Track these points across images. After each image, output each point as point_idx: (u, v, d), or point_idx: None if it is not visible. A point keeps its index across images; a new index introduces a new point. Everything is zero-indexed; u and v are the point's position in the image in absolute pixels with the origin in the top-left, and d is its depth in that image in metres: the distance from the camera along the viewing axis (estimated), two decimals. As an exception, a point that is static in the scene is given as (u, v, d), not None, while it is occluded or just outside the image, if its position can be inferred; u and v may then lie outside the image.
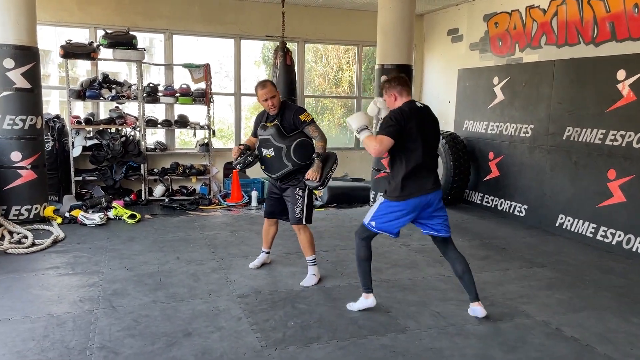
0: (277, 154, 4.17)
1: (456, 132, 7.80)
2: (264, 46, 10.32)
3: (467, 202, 7.75)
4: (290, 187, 4.30)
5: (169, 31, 7.94)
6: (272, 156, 4.20)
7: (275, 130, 4.17)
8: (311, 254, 4.43)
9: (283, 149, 4.15)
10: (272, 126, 4.20)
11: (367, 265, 3.81)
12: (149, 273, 4.58)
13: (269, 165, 4.27)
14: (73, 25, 7.63)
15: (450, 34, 8.48)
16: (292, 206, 4.32)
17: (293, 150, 4.15)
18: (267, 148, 4.22)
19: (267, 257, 4.89)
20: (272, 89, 4.20)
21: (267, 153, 4.22)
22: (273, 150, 4.18)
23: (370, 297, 3.85)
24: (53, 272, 4.56)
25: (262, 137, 4.27)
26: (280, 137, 4.16)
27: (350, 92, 10.07)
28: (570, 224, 6.01)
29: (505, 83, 7.01)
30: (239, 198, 7.65)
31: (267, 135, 4.21)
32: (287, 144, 4.15)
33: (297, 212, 4.31)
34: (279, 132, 4.17)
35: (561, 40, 6.39)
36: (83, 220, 6.15)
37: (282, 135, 4.16)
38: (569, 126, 6.04)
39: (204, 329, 3.50)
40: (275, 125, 4.19)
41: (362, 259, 3.80)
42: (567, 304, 4.07)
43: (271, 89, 4.19)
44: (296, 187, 4.28)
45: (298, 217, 4.32)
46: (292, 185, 4.30)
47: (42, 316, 3.64)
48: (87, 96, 7.16)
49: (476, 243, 5.75)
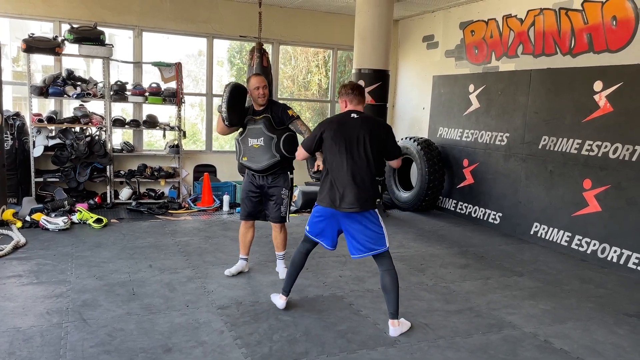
0: (266, 144, 4.31)
1: (430, 139, 7.79)
2: (230, 46, 10.11)
3: (440, 208, 7.76)
4: (277, 186, 4.44)
5: (138, 27, 7.63)
6: (260, 146, 4.33)
7: (267, 121, 4.34)
8: (284, 250, 4.68)
9: (274, 139, 4.30)
10: (262, 118, 4.36)
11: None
12: (121, 282, 4.32)
13: (255, 155, 4.36)
14: (36, 19, 7.23)
15: (426, 40, 8.49)
16: (277, 205, 4.46)
17: (283, 142, 4.31)
18: (256, 138, 4.35)
19: (246, 264, 4.73)
20: (265, 81, 4.41)
21: (255, 143, 4.34)
22: (263, 140, 4.32)
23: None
24: (15, 281, 4.24)
25: (251, 127, 4.39)
26: (272, 129, 4.33)
27: (319, 95, 9.97)
28: (545, 232, 6.06)
29: (481, 91, 7.04)
30: (210, 202, 7.41)
31: (258, 126, 4.36)
32: (277, 135, 4.31)
33: (282, 211, 4.47)
34: (270, 124, 4.34)
35: (538, 50, 6.46)
36: (45, 224, 5.80)
37: (273, 128, 4.34)
38: (545, 135, 6.09)
39: (184, 343, 3.30)
40: (266, 117, 4.36)
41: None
42: (552, 314, 4.06)
43: (264, 80, 4.40)
44: (282, 187, 4.44)
45: (282, 215, 4.49)
46: (278, 185, 4.44)
47: (6, 330, 3.35)
48: (50, 93, 6.78)
49: (454, 251, 5.72)
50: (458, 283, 4.68)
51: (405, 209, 7.71)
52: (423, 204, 7.52)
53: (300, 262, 3.85)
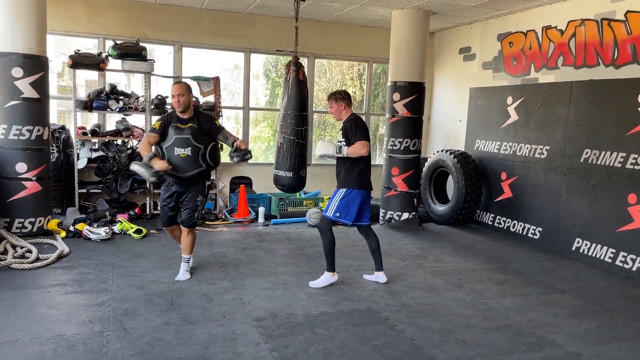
0: (193, 154, 4.44)
1: (467, 151, 7.69)
2: (266, 60, 10.25)
3: (477, 222, 7.62)
4: (194, 193, 4.61)
5: (178, 43, 7.84)
6: (187, 155, 4.43)
7: (193, 131, 4.46)
8: (190, 253, 4.85)
9: (201, 149, 4.45)
10: (189, 127, 4.47)
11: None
12: (160, 292, 4.41)
13: (181, 164, 4.45)
14: (82, 35, 7.51)
15: (462, 52, 8.42)
16: (190, 211, 4.63)
17: (209, 152, 4.50)
18: (183, 147, 4.43)
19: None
20: (184, 88, 4.51)
21: (182, 152, 4.44)
22: (190, 150, 4.43)
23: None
24: (59, 290, 4.38)
25: (177, 136, 4.45)
26: (199, 138, 4.46)
27: (354, 107, 9.99)
28: (588, 248, 5.88)
29: (519, 103, 6.92)
30: (245, 214, 7.49)
31: (185, 135, 4.44)
32: (204, 146, 4.48)
33: (195, 217, 4.66)
34: (196, 134, 4.46)
35: (579, 62, 6.31)
36: (88, 234, 5.97)
37: (200, 137, 4.47)
38: (587, 148, 5.94)
39: (221, 354, 3.33)
40: (193, 127, 4.47)
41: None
42: (595, 334, 3.92)
43: (182, 88, 4.50)
44: (199, 194, 4.63)
45: (195, 220, 4.69)
46: (196, 192, 4.62)
47: (51, 337, 3.46)
48: (94, 107, 7.02)
49: (493, 266, 5.60)
50: (497, 299, 4.58)
51: (441, 223, 7.61)
52: (459, 218, 7.41)
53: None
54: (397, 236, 6.84)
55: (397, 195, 7.37)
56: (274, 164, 5.89)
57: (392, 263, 5.54)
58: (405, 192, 7.36)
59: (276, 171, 5.81)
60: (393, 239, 6.64)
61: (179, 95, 4.46)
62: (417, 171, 7.48)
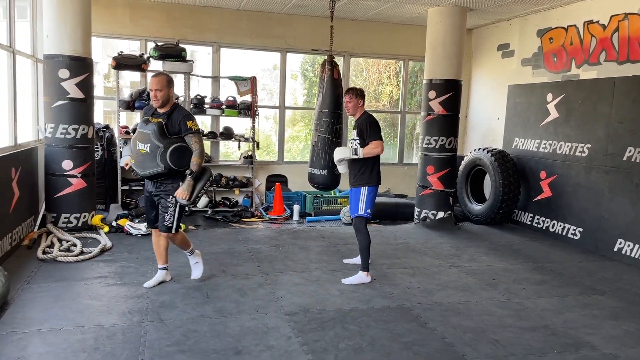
0: (152, 152, 4.06)
1: (505, 150, 7.56)
2: (303, 59, 10.32)
3: (515, 222, 7.48)
4: (164, 192, 4.23)
5: (217, 44, 8.01)
6: (146, 152, 4.08)
7: (157, 128, 4.07)
8: (164, 263, 4.56)
9: (160, 148, 4.05)
10: (156, 123, 4.10)
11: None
12: (196, 286, 4.53)
13: (140, 161, 4.14)
14: (125, 37, 7.77)
15: (501, 49, 8.27)
16: (162, 214, 4.27)
17: (170, 152, 4.06)
18: (143, 143, 4.10)
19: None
20: (162, 82, 4.13)
21: (142, 148, 4.10)
22: (149, 146, 4.07)
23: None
24: (101, 282, 4.56)
25: (141, 130, 4.16)
26: (161, 136, 4.07)
27: (390, 106, 9.93)
28: (630, 250, 5.69)
29: (560, 100, 6.76)
30: (281, 211, 7.59)
31: (147, 130, 4.10)
32: (165, 145, 4.05)
33: (167, 221, 4.27)
34: (160, 131, 4.07)
35: (622, 57, 6.12)
36: (129, 229, 6.19)
37: (163, 135, 4.08)
38: (630, 147, 5.75)
39: (253, 347, 3.41)
40: (159, 123, 4.09)
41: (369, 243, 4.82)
42: (635, 336, 3.81)
43: (161, 82, 4.12)
44: (169, 195, 4.22)
45: (168, 225, 4.28)
46: (165, 193, 4.23)
47: (92, 327, 3.62)
48: (136, 107, 7.25)
49: (529, 266, 5.50)
50: (532, 300, 4.50)
51: (477, 222, 7.51)
52: (497, 217, 7.29)
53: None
54: (431, 235, 6.79)
55: (433, 193, 7.32)
56: (309, 162, 5.95)
57: (426, 262, 5.52)
58: (441, 190, 7.30)
59: (311, 169, 5.87)
60: (428, 238, 6.60)
61: (156, 90, 4.10)
62: (453, 169, 7.40)
